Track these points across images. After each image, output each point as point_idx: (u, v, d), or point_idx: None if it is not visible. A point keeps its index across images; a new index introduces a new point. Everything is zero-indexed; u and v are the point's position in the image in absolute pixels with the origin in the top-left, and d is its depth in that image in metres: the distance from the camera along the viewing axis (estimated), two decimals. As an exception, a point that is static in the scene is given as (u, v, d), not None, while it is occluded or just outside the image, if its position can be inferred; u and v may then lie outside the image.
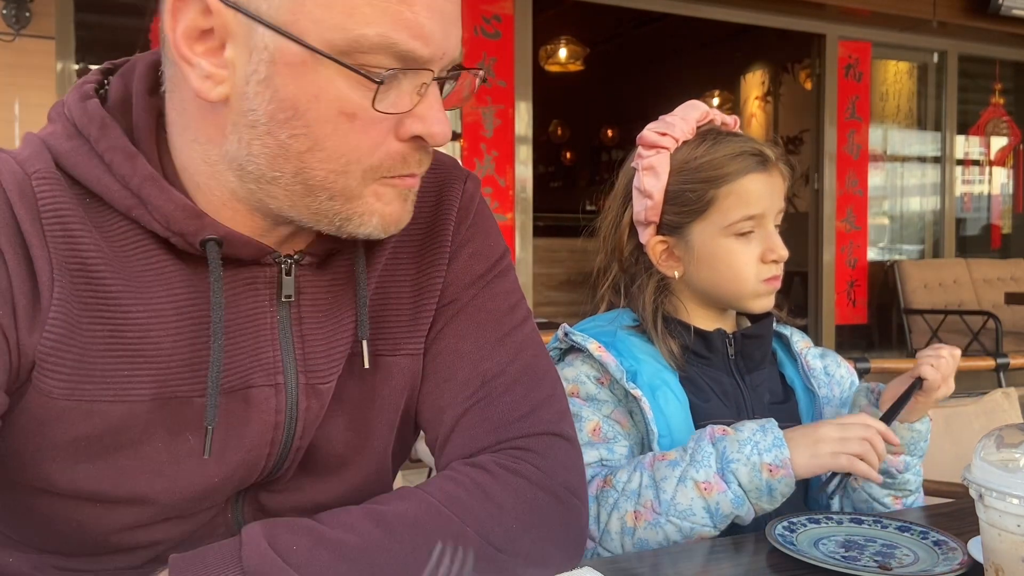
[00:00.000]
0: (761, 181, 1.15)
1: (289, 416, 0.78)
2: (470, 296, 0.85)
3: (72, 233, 0.69)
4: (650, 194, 1.18)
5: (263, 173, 0.70)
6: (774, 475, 0.99)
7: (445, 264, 0.85)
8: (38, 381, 0.68)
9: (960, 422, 1.99)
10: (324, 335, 0.80)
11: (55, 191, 0.69)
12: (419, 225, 0.85)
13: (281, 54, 0.66)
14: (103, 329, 0.69)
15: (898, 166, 6.63)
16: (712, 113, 1.21)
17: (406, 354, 0.84)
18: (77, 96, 0.75)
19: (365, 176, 0.71)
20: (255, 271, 0.77)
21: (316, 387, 0.79)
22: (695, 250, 1.17)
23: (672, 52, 8.24)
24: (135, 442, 0.72)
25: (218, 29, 0.67)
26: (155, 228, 0.71)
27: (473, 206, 0.88)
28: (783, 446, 1.00)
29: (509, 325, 0.86)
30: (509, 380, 0.83)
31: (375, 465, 0.86)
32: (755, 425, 1.03)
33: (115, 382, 0.70)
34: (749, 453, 1.00)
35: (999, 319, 4.93)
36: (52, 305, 0.67)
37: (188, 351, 0.73)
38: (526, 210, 5.01)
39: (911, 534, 0.92)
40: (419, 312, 0.84)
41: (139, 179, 0.71)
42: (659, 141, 1.18)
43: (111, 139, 0.71)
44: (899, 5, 5.66)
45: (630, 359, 1.14)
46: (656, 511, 1.00)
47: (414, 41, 0.66)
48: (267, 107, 0.67)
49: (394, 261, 0.84)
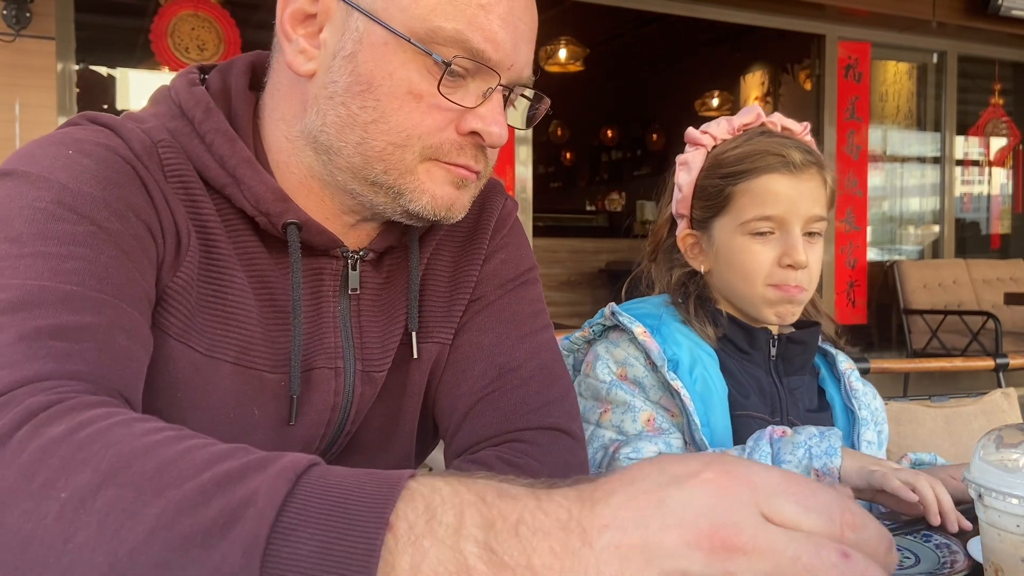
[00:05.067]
0: (783, 183, 1.12)
1: (345, 399, 0.84)
2: (497, 296, 0.91)
3: (195, 199, 0.76)
4: (681, 187, 1.21)
5: (332, 143, 0.77)
6: (821, 481, 0.94)
7: (480, 263, 0.92)
8: (160, 317, 0.73)
9: (960, 422, 2.00)
10: (380, 326, 0.86)
11: (179, 159, 0.77)
12: (462, 228, 0.93)
13: (368, 35, 0.74)
14: (210, 288, 0.76)
15: (898, 166, 6.64)
16: (770, 117, 1.19)
17: (436, 342, 0.89)
18: (184, 82, 0.82)
19: (423, 153, 0.77)
20: (323, 262, 0.83)
21: (371, 374, 0.85)
22: (716, 246, 1.18)
23: (672, 52, 8.24)
24: (210, 407, 0.76)
25: (321, 14, 0.76)
26: (244, 206, 0.78)
27: (510, 220, 0.97)
28: (836, 455, 0.98)
29: (530, 327, 0.91)
30: (525, 376, 0.87)
31: (403, 451, 0.91)
32: (815, 431, 1.02)
33: (210, 338, 0.76)
34: (801, 456, 0.99)
35: (998, 319, 4.92)
36: (188, 254, 0.74)
37: (264, 327, 0.79)
38: (526, 210, 5.01)
39: (913, 536, 0.92)
40: (453, 304, 0.90)
41: (236, 160, 0.77)
42: (699, 138, 1.20)
43: (214, 122, 0.78)
44: (899, 5, 5.66)
45: (673, 345, 1.14)
46: None
47: (486, 43, 0.74)
48: (346, 79, 0.75)
49: (436, 257, 0.91)
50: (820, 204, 1.15)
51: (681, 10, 5.42)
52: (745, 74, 7.86)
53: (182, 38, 4.23)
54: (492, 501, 0.44)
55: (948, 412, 1.97)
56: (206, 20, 4.28)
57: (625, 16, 6.48)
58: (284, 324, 0.80)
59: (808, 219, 1.13)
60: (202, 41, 4.27)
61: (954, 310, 5.37)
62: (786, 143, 1.14)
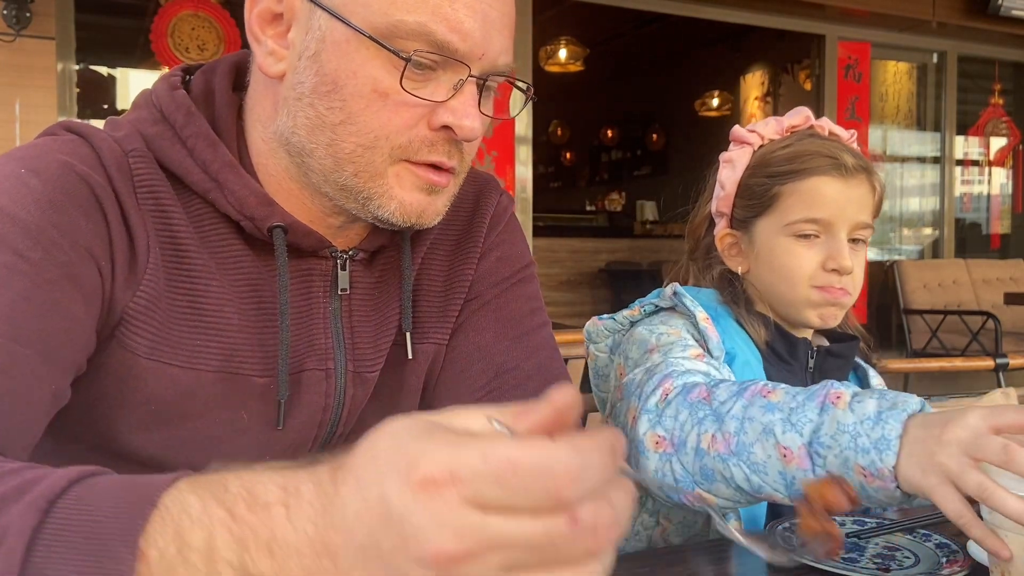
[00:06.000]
0: (833, 186, 1.10)
1: (337, 401, 0.83)
2: (493, 295, 0.91)
3: (165, 209, 0.75)
4: (723, 185, 1.19)
5: (303, 145, 0.76)
6: (869, 482, 0.77)
7: (475, 262, 0.91)
8: (124, 338, 0.72)
9: (960, 423, 1.99)
10: (372, 327, 0.85)
11: (150, 169, 0.75)
12: (456, 227, 0.91)
13: (331, 33, 0.72)
14: (184, 300, 0.75)
15: (898, 166, 6.63)
16: (819, 120, 1.17)
17: (432, 343, 0.89)
18: (166, 86, 0.80)
19: (392, 154, 0.75)
20: (312, 263, 0.82)
21: (363, 375, 0.84)
22: (757, 247, 1.15)
23: (672, 52, 8.23)
24: (196, 414, 0.76)
25: (287, 13, 0.75)
26: (228, 211, 0.77)
27: (506, 217, 0.95)
28: (889, 450, 0.76)
29: (528, 326, 0.91)
30: (523, 376, 0.87)
31: None
32: (874, 407, 0.79)
33: (188, 350, 0.75)
34: (845, 444, 0.78)
35: (998, 319, 4.92)
36: (147, 270, 0.73)
37: (251, 332, 0.78)
38: (526, 210, 5.01)
39: (913, 536, 0.92)
40: (448, 304, 0.89)
41: (219, 164, 0.76)
42: (746, 137, 1.18)
43: (195, 126, 0.77)
44: (899, 5, 5.65)
45: (728, 339, 1.10)
46: (730, 449, 0.84)
47: (451, 34, 0.71)
48: (312, 80, 0.74)
49: (430, 256, 0.90)
50: (867, 211, 1.13)
51: (681, 10, 5.42)
52: (745, 74, 7.86)
53: (182, 38, 4.23)
54: (242, 516, 0.43)
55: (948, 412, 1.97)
56: (206, 20, 4.28)
57: (625, 16, 6.48)
58: (273, 328, 0.79)
59: (855, 225, 1.11)
60: (202, 41, 4.27)
61: (954, 310, 5.36)
62: (838, 146, 1.12)
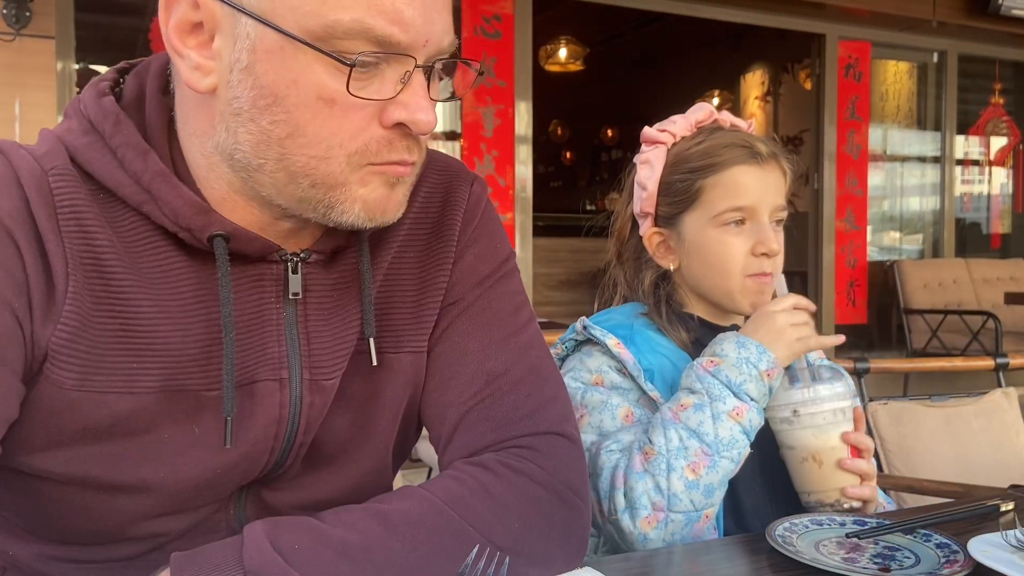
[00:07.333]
0: (751, 174, 1.15)
1: (293, 411, 0.79)
2: (475, 296, 0.86)
3: (87, 230, 0.70)
4: (644, 185, 1.22)
5: (249, 161, 0.71)
6: (772, 378, 1.07)
7: (450, 264, 0.86)
8: (51, 372, 0.69)
9: (960, 422, 2.00)
10: (330, 332, 0.81)
11: (71, 188, 0.71)
12: (425, 225, 0.86)
13: (261, 41, 0.67)
14: (114, 323, 0.71)
15: (898, 166, 6.63)
16: (720, 114, 1.23)
17: (409, 351, 0.85)
18: (93, 93, 0.76)
19: (350, 162, 0.71)
20: (262, 268, 0.78)
21: (320, 383, 0.80)
22: (686, 242, 1.19)
23: (672, 52, 8.23)
24: (141, 432, 0.73)
25: (207, 22, 0.69)
26: (164, 223, 0.73)
27: (480, 208, 0.89)
28: (766, 350, 1.07)
29: (514, 326, 0.87)
30: (514, 379, 0.84)
31: (376, 462, 0.86)
32: (734, 343, 1.08)
33: (124, 375, 0.71)
34: (749, 370, 1.05)
35: (999, 319, 4.93)
36: (67, 299, 0.69)
37: (196, 346, 0.74)
38: (526, 210, 5.01)
39: (913, 536, 0.91)
40: (422, 310, 0.85)
41: (150, 175, 0.72)
42: (658, 137, 1.23)
43: (124, 135, 0.73)
44: (899, 5, 5.65)
45: (648, 354, 1.15)
46: (708, 454, 1.03)
47: (392, 27, 0.67)
48: (249, 94, 0.69)
49: (399, 259, 0.85)
50: (782, 194, 1.19)
51: (681, 10, 5.42)
52: (745, 74, 7.85)
53: (182, 38, 4.22)
54: None
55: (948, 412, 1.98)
56: (206, 20, 4.28)
57: (625, 16, 6.48)
58: (221, 340, 0.75)
59: (775, 208, 1.17)
60: (202, 41, 4.27)
61: (954, 310, 5.37)
62: (749, 136, 1.19)
